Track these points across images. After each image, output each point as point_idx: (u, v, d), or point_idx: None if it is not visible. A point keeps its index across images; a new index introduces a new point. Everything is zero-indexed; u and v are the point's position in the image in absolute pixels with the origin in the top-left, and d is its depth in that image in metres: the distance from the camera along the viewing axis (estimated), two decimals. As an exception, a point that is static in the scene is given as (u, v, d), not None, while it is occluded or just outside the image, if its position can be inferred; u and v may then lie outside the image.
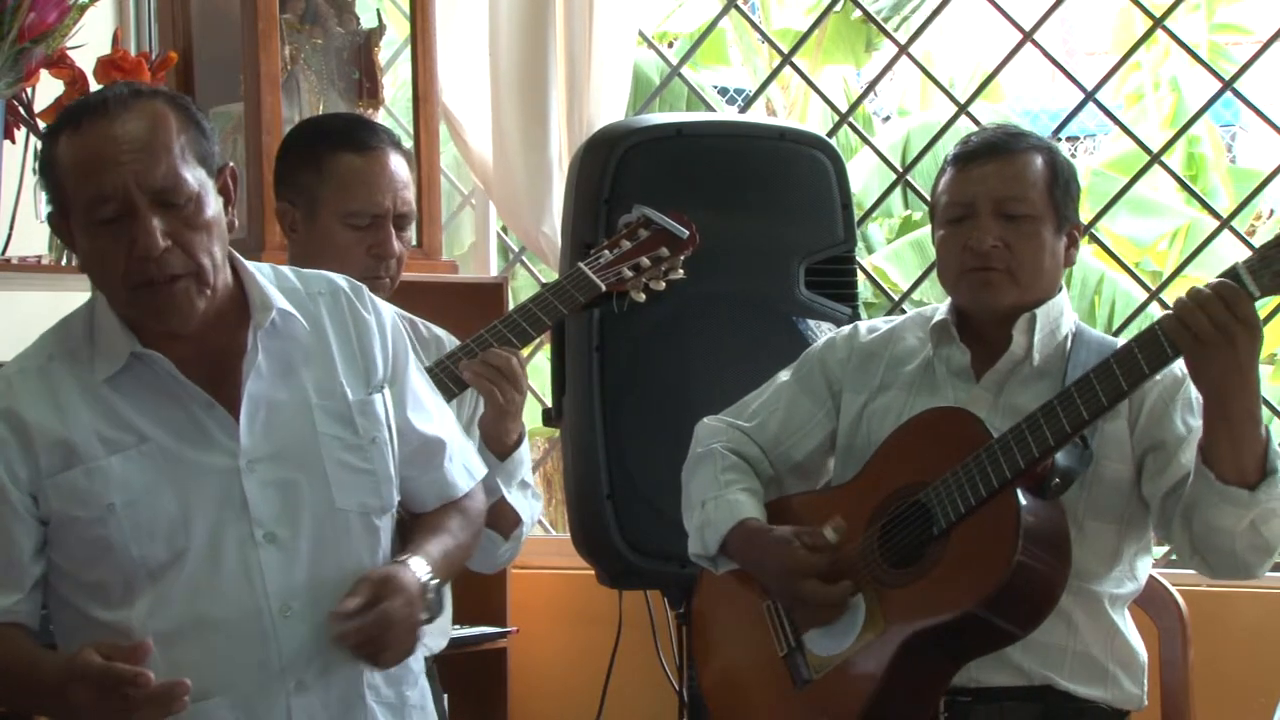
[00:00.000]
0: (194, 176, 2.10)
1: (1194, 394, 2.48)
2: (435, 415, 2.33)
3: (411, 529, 2.29)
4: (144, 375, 2.14)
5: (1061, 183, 2.60)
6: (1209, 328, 2.29)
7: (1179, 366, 2.44)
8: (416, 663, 2.28)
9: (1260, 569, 2.48)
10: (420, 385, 2.33)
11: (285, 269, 2.28)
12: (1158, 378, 2.46)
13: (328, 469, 2.17)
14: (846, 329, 2.80)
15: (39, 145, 2.18)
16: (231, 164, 2.21)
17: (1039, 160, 2.60)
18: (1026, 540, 2.36)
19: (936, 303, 2.75)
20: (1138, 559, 2.60)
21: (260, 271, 2.22)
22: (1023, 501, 2.39)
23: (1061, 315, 2.62)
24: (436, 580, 2.18)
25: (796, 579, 2.51)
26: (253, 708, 2.11)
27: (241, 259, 2.21)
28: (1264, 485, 2.36)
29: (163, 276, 2.07)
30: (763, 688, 2.61)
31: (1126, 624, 2.59)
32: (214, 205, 2.12)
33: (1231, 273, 2.32)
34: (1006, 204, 2.56)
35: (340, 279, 2.29)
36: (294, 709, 2.12)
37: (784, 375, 2.79)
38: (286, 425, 2.17)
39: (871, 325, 2.78)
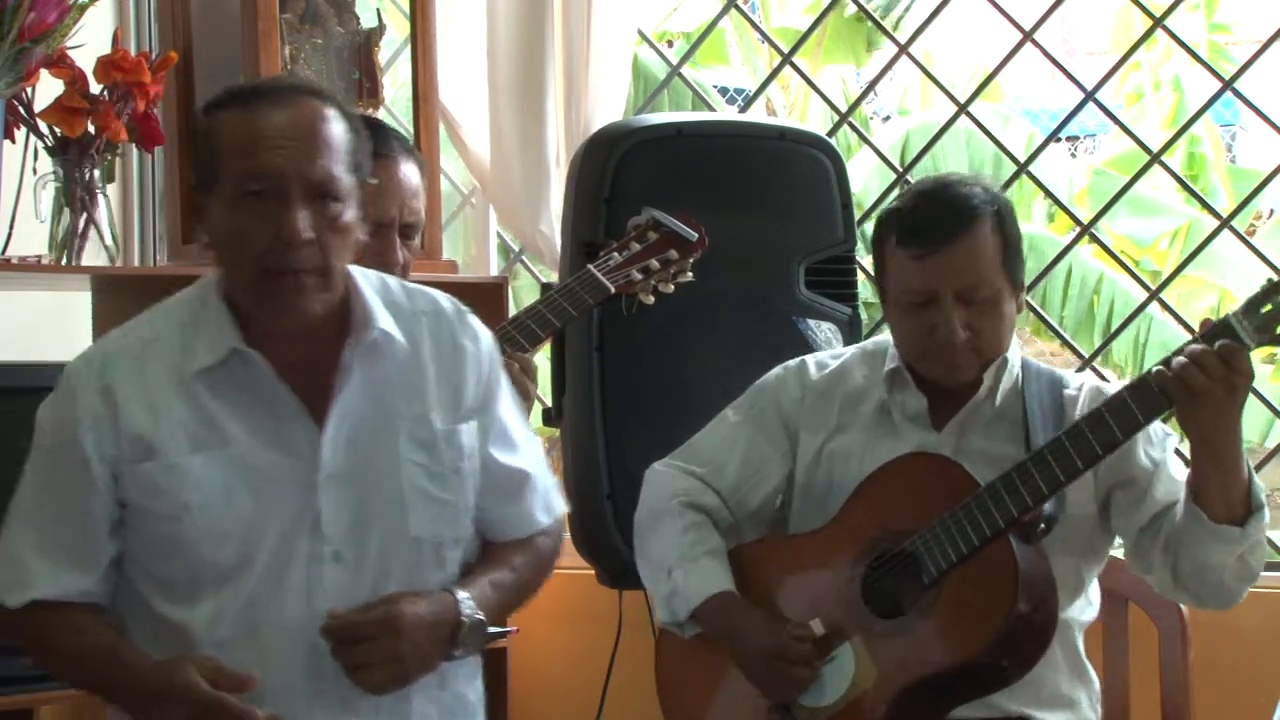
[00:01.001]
0: (346, 180, 2.12)
1: (1155, 427, 2.51)
2: (522, 448, 2.31)
3: (479, 557, 2.28)
4: (239, 374, 2.14)
5: (1012, 247, 2.56)
6: (1207, 384, 2.32)
7: None
8: (475, 693, 2.27)
9: (1242, 594, 2.52)
10: (509, 417, 2.31)
11: (393, 282, 2.27)
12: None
13: (406, 494, 2.17)
14: (794, 364, 2.76)
15: (202, 113, 2.20)
16: (375, 181, 2.22)
17: (988, 230, 2.52)
18: (1025, 586, 2.38)
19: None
20: (1093, 586, 2.66)
21: (368, 281, 2.21)
22: (1018, 550, 2.40)
23: (1014, 351, 2.63)
24: (480, 619, 2.15)
25: (778, 663, 2.49)
26: (301, 717, 2.11)
27: (355, 271, 2.20)
28: (1252, 520, 2.41)
29: (296, 266, 2.08)
30: None
31: (1083, 652, 2.64)
32: (354, 213, 2.13)
33: (1225, 326, 2.34)
34: (969, 292, 2.51)
35: (446, 300, 2.28)
36: None
37: (733, 415, 2.75)
38: (370, 445, 2.16)
39: (820, 362, 2.75)
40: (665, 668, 2.72)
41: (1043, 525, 2.44)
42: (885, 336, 2.72)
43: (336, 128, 2.13)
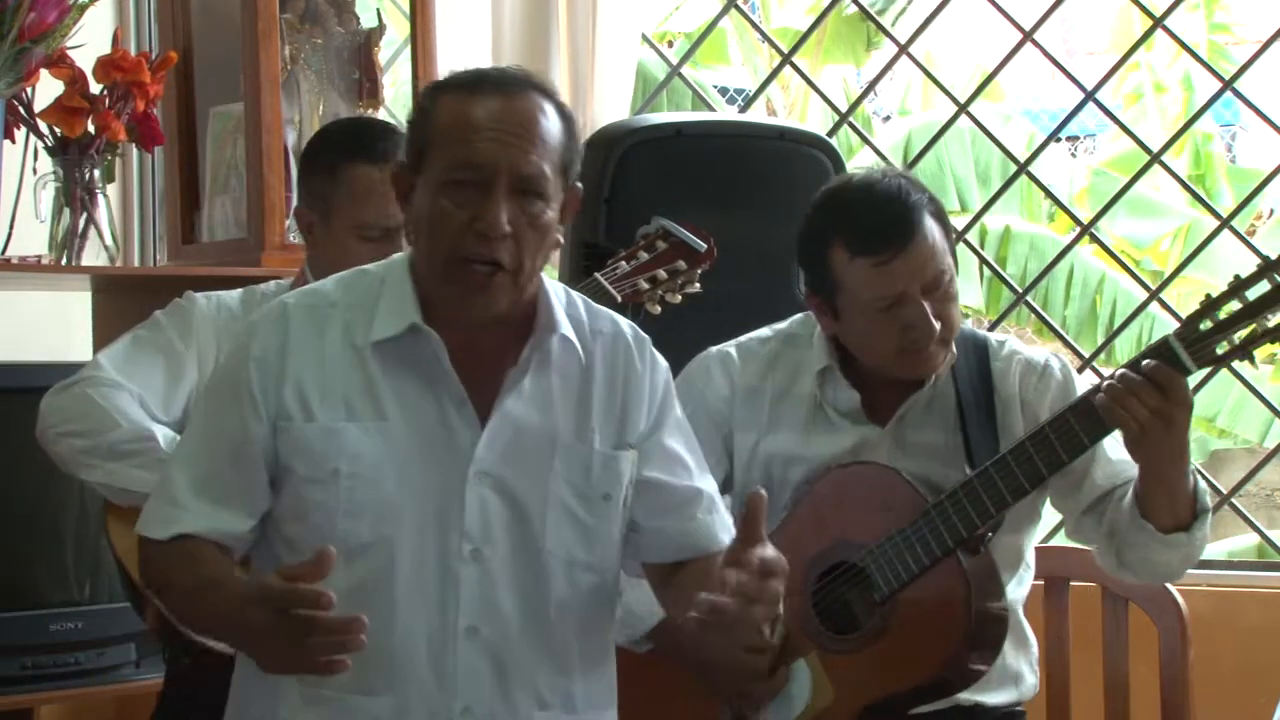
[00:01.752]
0: (554, 179, 2.09)
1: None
2: (694, 470, 2.24)
3: (683, 579, 2.18)
4: (411, 352, 2.11)
5: (950, 233, 2.55)
6: (1146, 415, 2.31)
7: (1069, 376, 2.55)
8: None
9: (1179, 577, 2.57)
10: (679, 446, 2.23)
11: (578, 298, 2.23)
12: (1050, 394, 2.53)
13: (549, 509, 2.12)
14: (717, 355, 2.70)
15: (421, 94, 2.17)
16: (580, 186, 2.18)
17: (931, 222, 2.50)
18: (978, 600, 2.41)
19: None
20: (1031, 549, 2.65)
21: (555, 293, 2.17)
22: (969, 566, 2.42)
23: None
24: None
25: (745, 681, 2.48)
26: (415, 716, 2.07)
27: (546, 279, 2.18)
28: (1197, 524, 2.43)
29: (490, 258, 2.05)
30: None
31: (1023, 617, 2.64)
32: (555, 213, 2.11)
33: (1165, 348, 2.33)
34: (934, 282, 2.49)
35: (626, 325, 2.23)
36: None
37: None
38: (527, 451, 2.12)
39: (745, 350, 2.69)
40: (624, 680, 2.71)
41: (990, 534, 2.47)
42: (800, 317, 2.68)
43: (553, 125, 2.10)
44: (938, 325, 2.49)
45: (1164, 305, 4.31)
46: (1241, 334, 2.30)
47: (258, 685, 2.12)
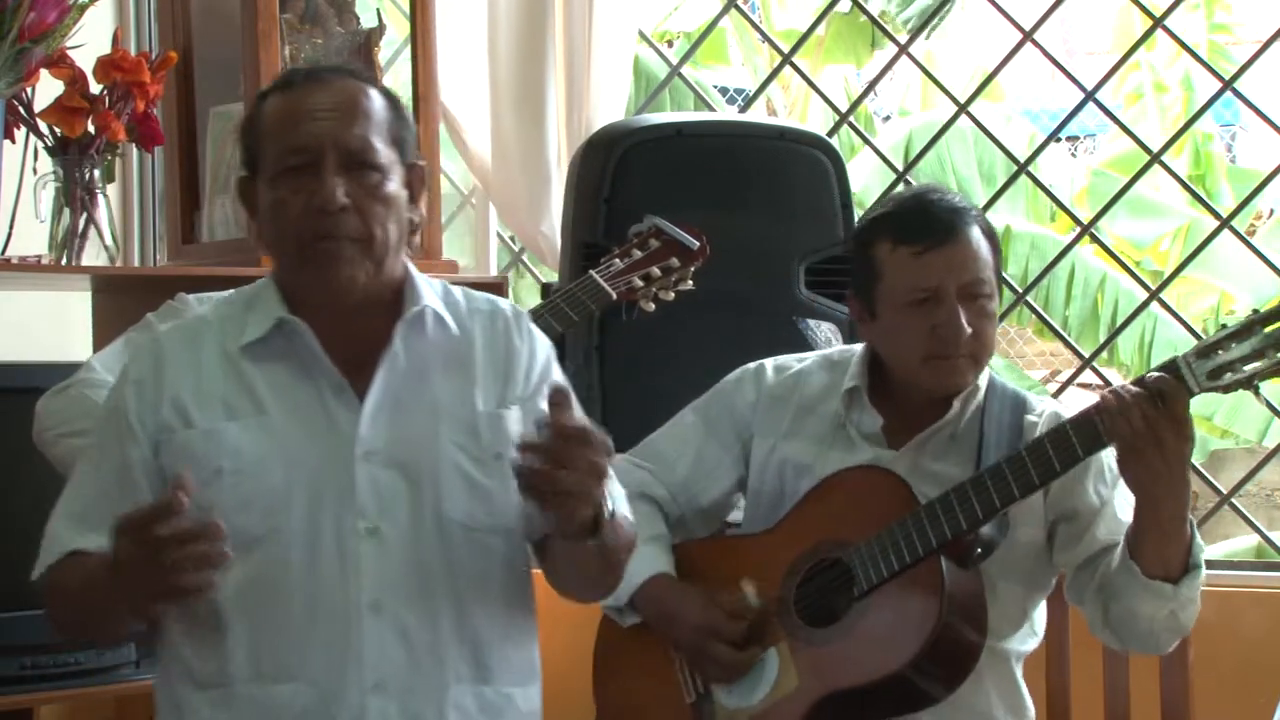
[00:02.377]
0: (386, 152, 2.15)
1: (1108, 462, 2.49)
2: None
3: (553, 547, 2.19)
4: (283, 347, 2.16)
5: (999, 251, 2.57)
6: (1140, 425, 2.29)
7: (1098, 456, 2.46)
8: (528, 702, 2.24)
9: (1169, 647, 2.52)
10: None
11: (456, 288, 2.28)
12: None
13: (443, 475, 2.15)
14: (754, 367, 2.75)
15: (249, 109, 2.27)
16: (423, 163, 2.24)
17: (979, 233, 2.54)
18: (950, 609, 2.37)
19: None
20: (1037, 616, 2.64)
21: (429, 283, 2.23)
22: (946, 571, 2.40)
23: (982, 374, 2.61)
24: (615, 512, 2.08)
25: (710, 640, 2.51)
26: (328, 699, 2.09)
27: (415, 269, 2.22)
28: (1187, 580, 2.39)
29: (335, 234, 2.10)
30: None
31: (1022, 681, 2.62)
32: (397, 186, 2.16)
33: (1171, 366, 2.32)
34: (973, 286, 2.51)
35: (506, 304, 2.29)
36: (369, 708, 2.09)
37: (690, 415, 2.75)
38: (410, 424, 2.15)
39: (779, 365, 2.74)
40: (602, 654, 2.74)
41: (980, 550, 2.44)
42: (851, 347, 2.72)
43: (375, 103, 2.19)
44: (968, 331, 2.49)
45: (1164, 305, 4.30)
46: (1251, 367, 2.28)
47: (171, 686, 2.18)
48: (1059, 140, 8.91)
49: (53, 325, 3.83)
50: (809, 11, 9.02)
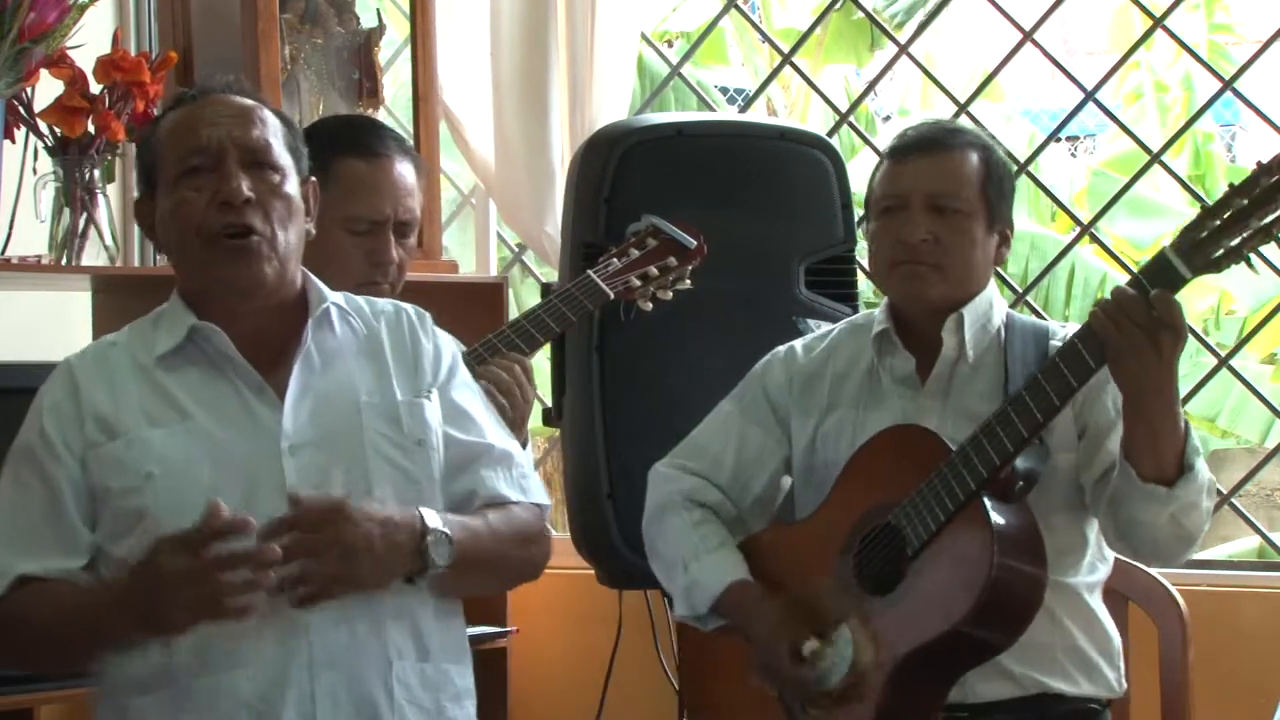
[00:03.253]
0: (285, 156, 2.21)
1: None
2: (486, 429, 2.32)
3: None
4: (198, 354, 2.20)
5: (995, 181, 2.60)
6: (1131, 327, 2.29)
7: None
8: (463, 679, 2.26)
9: (1182, 557, 2.52)
10: (469, 402, 2.32)
11: (357, 296, 2.34)
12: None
13: (370, 463, 2.18)
14: (783, 350, 2.78)
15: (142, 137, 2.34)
16: (314, 180, 2.29)
17: (974, 157, 2.60)
18: (1002, 548, 2.37)
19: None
20: (1102, 541, 2.61)
21: (331, 293, 2.28)
22: (991, 510, 2.39)
23: (991, 308, 2.62)
24: (446, 534, 2.13)
25: (772, 676, 2.52)
26: (275, 684, 2.11)
27: (310, 274, 2.28)
28: (1181, 481, 2.38)
29: (239, 223, 2.14)
30: None
31: (1102, 610, 2.62)
32: (295, 191, 2.21)
33: (1161, 258, 2.32)
34: (938, 198, 2.56)
35: (409, 307, 2.34)
36: (318, 691, 2.11)
37: (727, 405, 2.78)
38: (332, 416, 2.19)
39: (808, 344, 2.77)
40: (690, 655, 2.78)
41: (1021, 483, 2.44)
42: (872, 310, 2.74)
43: (269, 114, 2.25)
44: (924, 236, 2.54)
45: (1164, 305, 4.30)
46: (1237, 239, 2.28)
47: (115, 696, 2.18)
48: (1059, 140, 8.91)
49: (53, 325, 3.82)
50: (809, 11, 9.03)
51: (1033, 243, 7.81)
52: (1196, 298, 8.15)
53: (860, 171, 8.42)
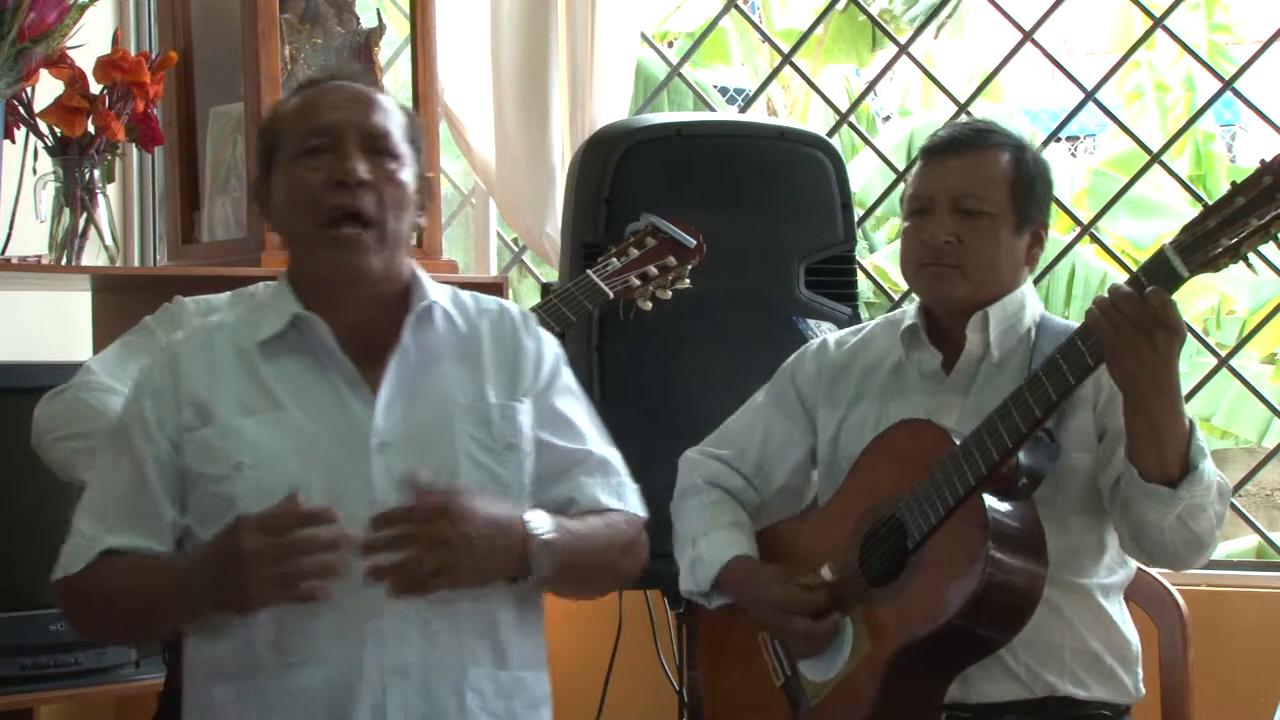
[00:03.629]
0: (403, 145, 2.22)
1: None
2: (585, 435, 2.32)
3: None
4: (298, 343, 2.21)
5: (1025, 182, 2.58)
6: (1124, 322, 2.28)
7: None
8: (540, 686, 2.26)
9: (1195, 562, 2.48)
10: (570, 407, 2.31)
11: (464, 291, 2.33)
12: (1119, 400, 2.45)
13: (459, 465, 2.18)
14: (815, 343, 2.79)
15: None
16: (431, 175, 2.33)
17: (1004, 158, 2.58)
18: (997, 544, 2.36)
19: None
20: (1112, 538, 2.58)
21: (438, 286, 2.28)
22: (989, 505, 2.39)
23: (1022, 309, 2.60)
24: (550, 539, 2.13)
25: (788, 615, 2.53)
26: (350, 682, 2.12)
27: (416, 265, 2.28)
28: (1186, 482, 2.35)
29: (353, 207, 2.15)
30: (766, 717, 2.61)
31: (1121, 613, 2.59)
32: (411, 180, 2.22)
33: (1159, 256, 2.31)
34: (963, 200, 2.55)
35: (513, 306, 2.34)
36: (389, 691, 2.13)
37: (759, 396, 2.79)
38: (424, 415, 2.20)
39: (840, 338, 2.77)
40: (695, 644, 2.80)
41: (1025, 480, 2.43)
42: (909, 307, 2.74)
43: (393, 104, 2.26)
44: (946, 238, 2.54)
45: (1164, 305, 4.29)
46: (1235, 237, 2.26)
47: (200, 678, 2.19)
48: (1059, 140, 8.91)
49: (53, 325, 3.83)
50: (809, 11, 9.04)
51: (1032, 243, 7.80)
52: (1196, 298, 8.15)
53: (860, 171, 8.42)
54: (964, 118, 4.29)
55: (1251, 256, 2.30)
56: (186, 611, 2.15)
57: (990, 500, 2.39)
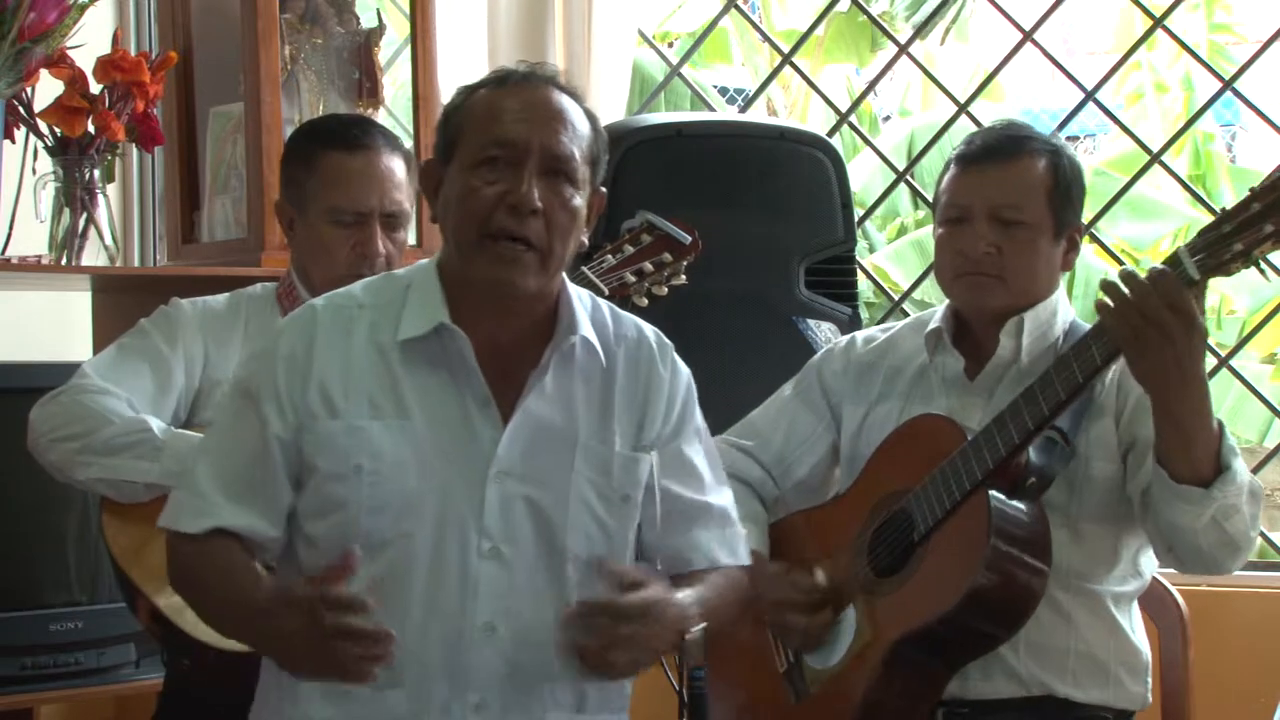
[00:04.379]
0: (583, 169, 2.15)
1: None
2: (709, 487, 2.28)
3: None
4: (437, 352, 2.14)
5: (1062, 188, 2.56)
6: (1139, 320, 2.26)
7: None
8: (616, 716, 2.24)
9: (1231, 565, 2.45)
10: (697, 456, 2.28)
11: (604, 304, 2.27)
12: (1143, 407, 2.44)
13: (570, 508, 2.15)
14: (844, 340, 2.80)
15: (454, 95, 2.29)
16: (604, 190, 2.22)
17: (1041, 165, 2.56)
18: (999, 539, 2.37)
19: (937, 303, 2.75)
20: (1140, 555, 2.59)
21: (579, 297, 2.21)
22: (995, 501, 2.39)
23: (1055, 316, 2.60)
24: (701, 637, 2.08)
25: (784, 612, 2.54)
26: (430, 711, 2.09)
27: (570, 283, 2.21)
28: (1219, 482, 2.34)
29: (520, 233, 2.09)
30: (767, 703, 2.63)
31: (1131, 621, 2.58)
32: (583, 205, 2.15)
33: (1173, 257, 2.30)
34: (1002, 210, 2.54)
35: (650, 330, 2.28)
36: None
37: (787, 389, 2.80)
38: (548, 452, 2.15)
39: (868, 336, 2.78)
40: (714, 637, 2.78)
41: (1033, 479, 2.43)
42: (937, 308, 2.74)
43: (581, 119, 2.17)
44: (986, 248, 2.52)
45: (1164, 305, 4.29)
46: (1247, 242, 2.25)
47: (278, 678, 2.13)
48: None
49: (53, 325, 3.83)
50: (809, 11, 9.04)
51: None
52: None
53: (860, 172, 8.44)
54: (965, 118, 4.30)
55: (1264, 263, 2.31)
56: (256, 646, 2.12)
57: (997, 497, 2.40)
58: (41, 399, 2.66)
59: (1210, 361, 4.20)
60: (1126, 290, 2.28)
